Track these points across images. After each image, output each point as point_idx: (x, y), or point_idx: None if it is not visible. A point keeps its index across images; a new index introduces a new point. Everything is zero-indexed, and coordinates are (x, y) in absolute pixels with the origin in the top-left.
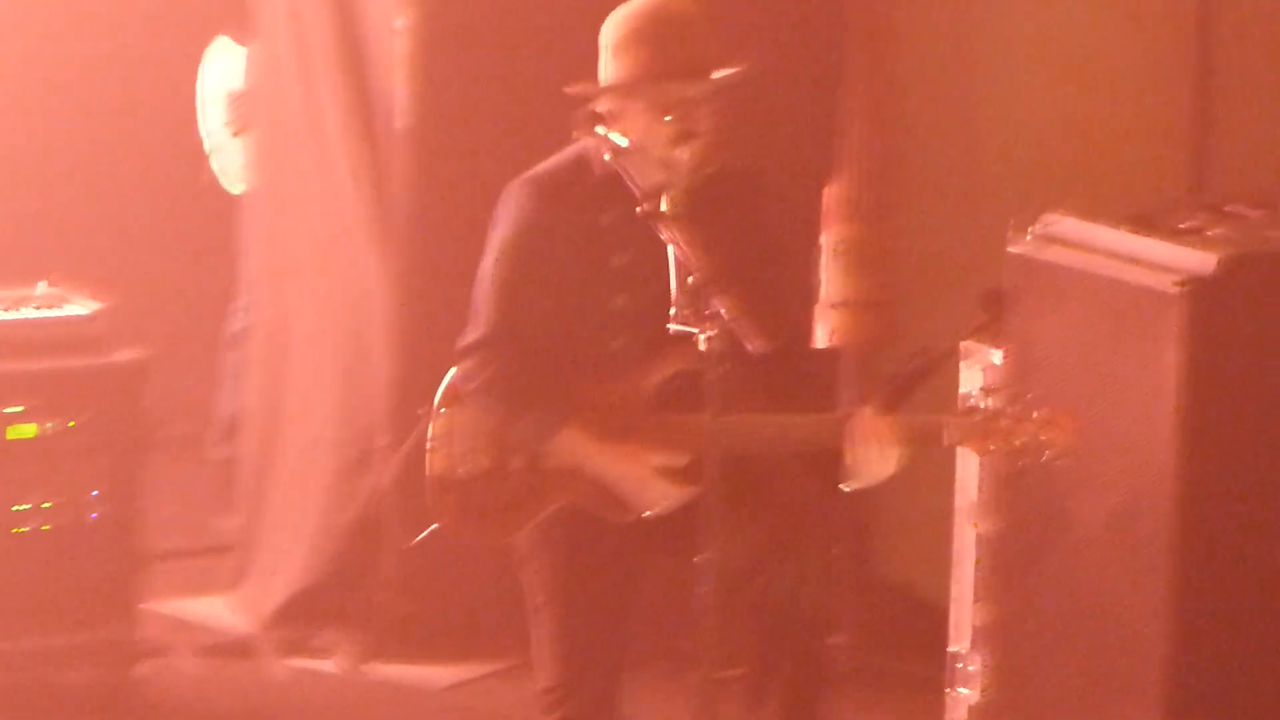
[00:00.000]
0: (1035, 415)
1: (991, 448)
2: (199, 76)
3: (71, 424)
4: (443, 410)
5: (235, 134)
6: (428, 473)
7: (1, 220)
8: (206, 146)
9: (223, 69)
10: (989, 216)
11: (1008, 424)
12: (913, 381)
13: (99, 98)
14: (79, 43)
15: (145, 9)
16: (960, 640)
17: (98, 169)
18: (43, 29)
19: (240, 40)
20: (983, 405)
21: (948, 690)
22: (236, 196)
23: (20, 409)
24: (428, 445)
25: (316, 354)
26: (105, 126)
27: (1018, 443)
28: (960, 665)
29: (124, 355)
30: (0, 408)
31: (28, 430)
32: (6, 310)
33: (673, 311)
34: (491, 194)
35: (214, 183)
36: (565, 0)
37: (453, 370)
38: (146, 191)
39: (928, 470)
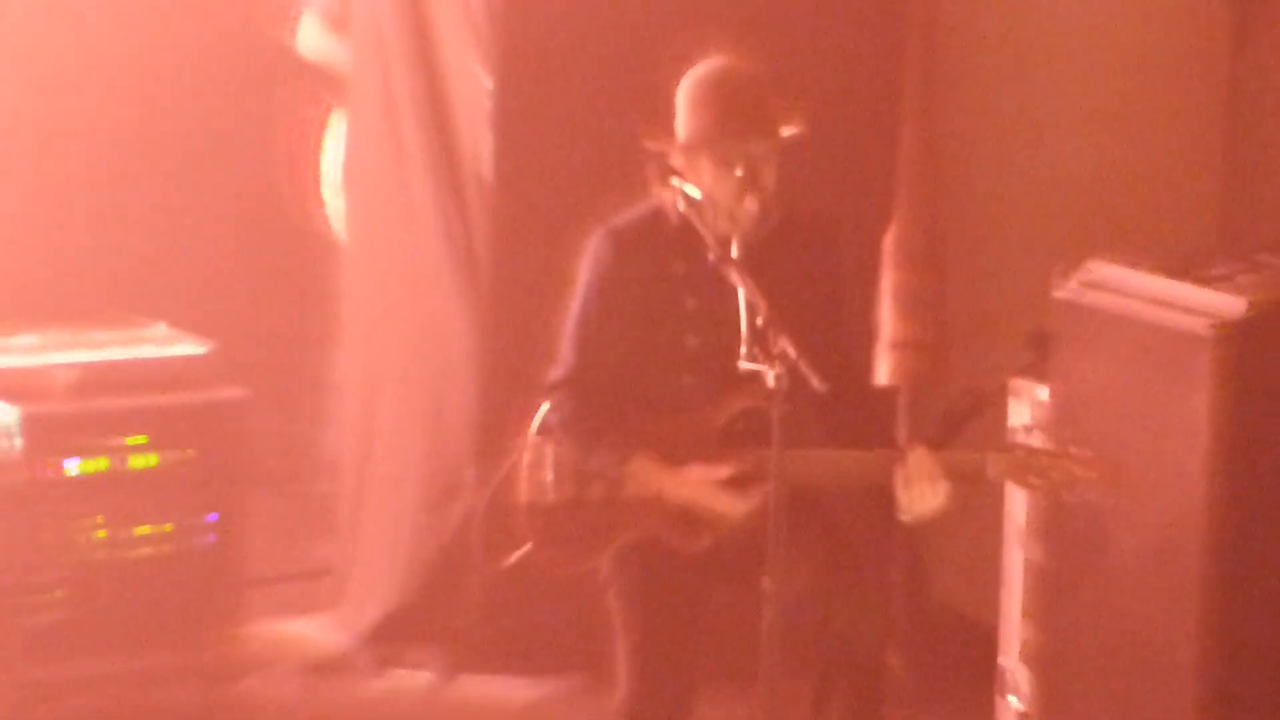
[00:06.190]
0: (1072, 452)
1: (1032, 482)
2: (324, 147)
3: (189, 453)
4: (534, 441)
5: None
6: (520, 499)
7: (119, 262)
8: (329, 210)
9: (336, 139)
10: (1035, 263)
11: (1046, 460)
12: (963, 419)
13: (216, 153)
14: (196, 100)
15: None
16: (1009, 653)
17: (211, 221)
18: (164, 83)
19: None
20: (1025, 442)
21: (998, 698)
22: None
23: (144, 439)
24: (522, 473)
25: (406, 395)
26: (222, 181)
27: (1056, 477)
28: (1009, 676)
29: (233, 392)
30: (125, 438)
31: (150, 459)
32: (128, 347)
33: (743, 350)
34: (571, 244)
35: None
36: (642, 61)
37: (546, 404)
38: (254, 239)
39: (976, 501)
